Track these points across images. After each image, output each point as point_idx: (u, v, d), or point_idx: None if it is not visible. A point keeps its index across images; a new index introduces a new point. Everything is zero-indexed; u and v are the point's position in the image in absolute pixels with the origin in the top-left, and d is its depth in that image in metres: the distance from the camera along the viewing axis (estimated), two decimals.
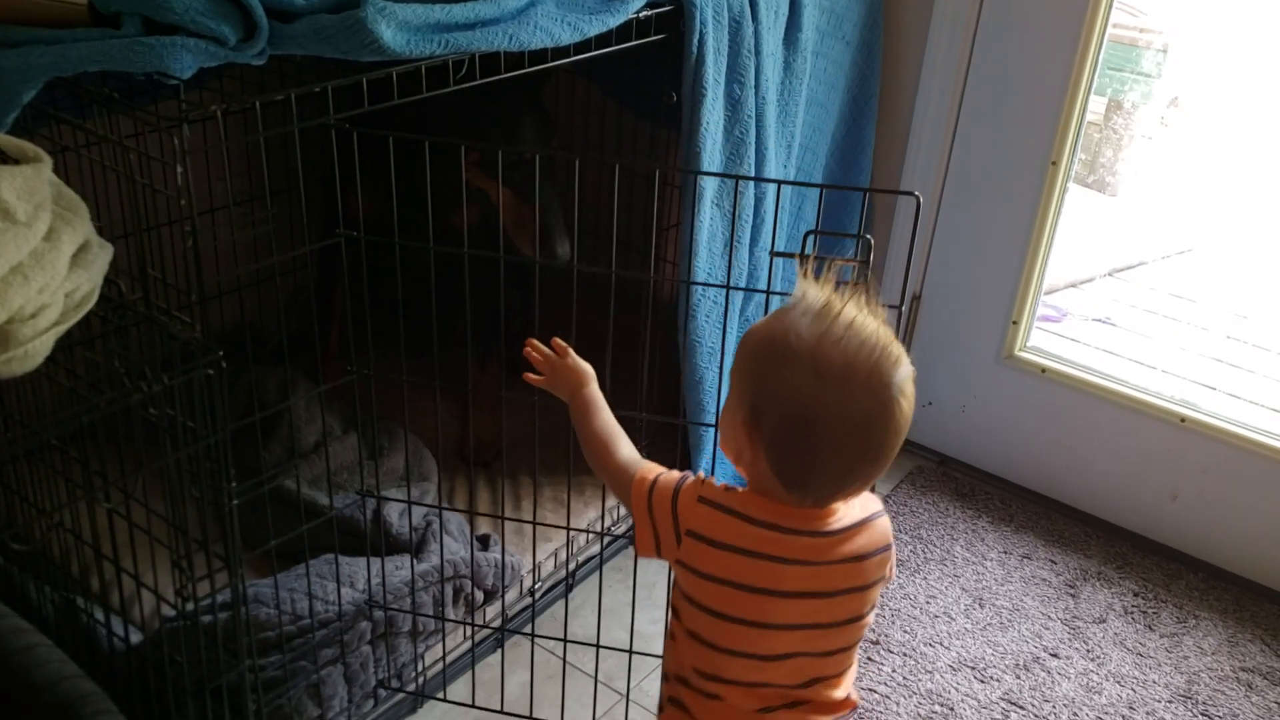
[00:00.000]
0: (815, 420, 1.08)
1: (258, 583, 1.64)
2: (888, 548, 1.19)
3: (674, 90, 1.82)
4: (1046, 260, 2.34)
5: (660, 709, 1.27)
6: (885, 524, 1.19)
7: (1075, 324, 3.10)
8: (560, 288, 2.83)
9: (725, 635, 1.16)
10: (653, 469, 1.23)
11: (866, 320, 1.10)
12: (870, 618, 1.22)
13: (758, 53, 1.88)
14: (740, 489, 1.18)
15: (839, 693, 1.23)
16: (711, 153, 1.86)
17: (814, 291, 1.12)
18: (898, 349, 1.10)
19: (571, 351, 1.37)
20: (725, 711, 1.19)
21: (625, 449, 1.29)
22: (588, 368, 1.37)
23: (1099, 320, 3.15)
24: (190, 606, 1.26)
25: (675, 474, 1.21)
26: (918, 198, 1.41)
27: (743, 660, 1.17)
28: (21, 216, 0.97)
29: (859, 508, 1.17)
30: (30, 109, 1.25)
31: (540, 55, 1.57)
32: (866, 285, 1.15)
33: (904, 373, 1.10)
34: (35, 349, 0.97)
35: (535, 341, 1.40)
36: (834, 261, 1.15)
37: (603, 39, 1.62)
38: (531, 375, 1.38)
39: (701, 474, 1.20)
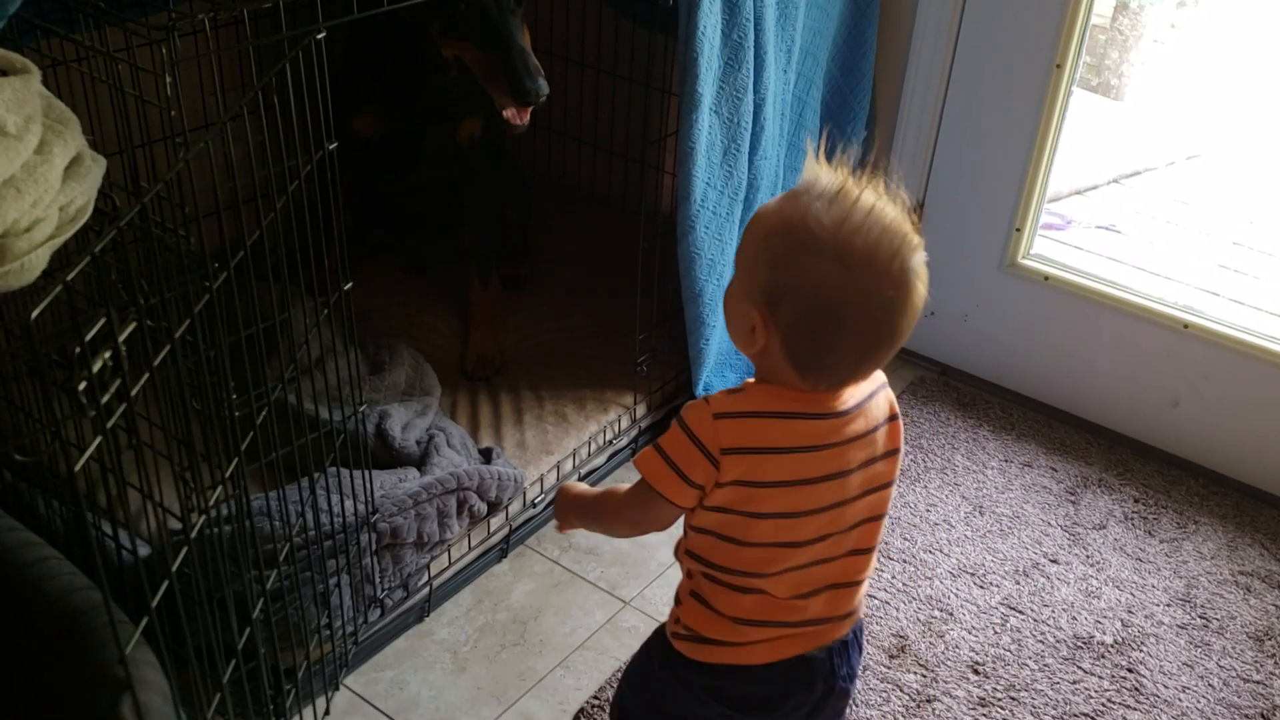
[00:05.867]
0: (838, 309, 1.07)
1: (261, 496, 1.66)
2: (894, 418, 1.20)
3: None
4: (1050, 166, 2.31)
5: (677, 602, 1.26)
6: (888, 395, 1.20)
7: (1080, 231, 3.08)
8: (557, 202, 2.82)
9: (760, 532, 1.15)
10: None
11: (886, 206, 1.09)
12: (889, 501, 1.22)
13: None
14: (742, 387, 1.16)
15: (856, 604, 1.25)
16: (709, 58, 1.83)
17: (828, 176, 1.10)
18: (915, 234, 1.11)
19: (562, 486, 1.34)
20: (760, 603, 1.19)
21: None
22: (571, 486, 1.32)
23: (1104, 227, 3.13)
24: (194, 519, 1.27)
25: (668, 431, 1.15)
26: None
27: (777, 550, 1.16)
28: (11, 129, 0.96)
29: (864, 384, 1.17)
30: (18, 21, 1.23)
31: None
32: (880, 170, 1.12)
33: (921, 256, 1.11)
34: (31, 262, 0.96)
35: None
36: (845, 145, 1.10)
37: None
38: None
39: (696, 404, 1.14)
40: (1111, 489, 2.24)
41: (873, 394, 1.18)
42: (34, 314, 0.91)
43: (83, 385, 0.93)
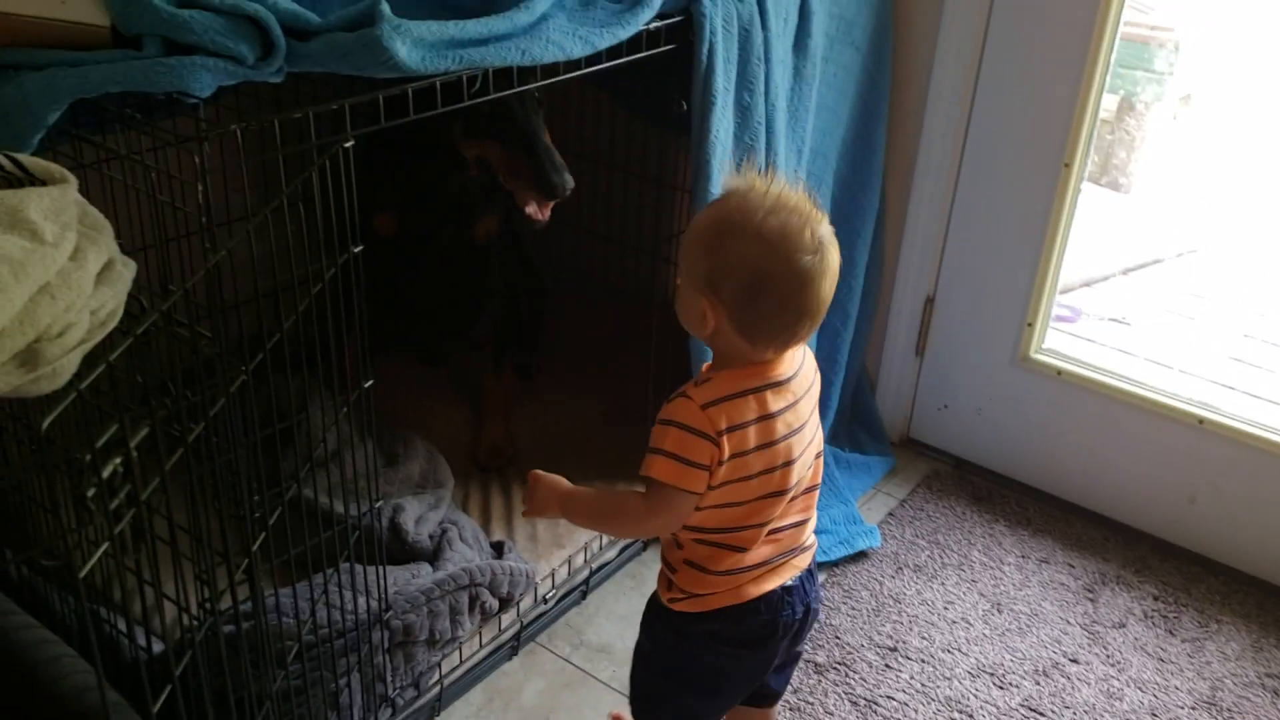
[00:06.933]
0: (767, 279, 1.29)
1: (277, 592, 1.66)
2: (817, 371, 1.45)
3: (684, 99, 1.83)
4: (1060, 262, 2.34)
5: (671, 570, 1.44)
6: (808, 352, 1.44)
7: (1090, 324, 3.09)
8: (571, 294, 2.85)
9: (749, 490, 1.36)
10: (642, 464, 1.36)
11: (789, 192, 1.31)
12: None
13: (767, 60, 1.89)
14: (708, 377, 1.35)
15: (811, 535, 1.48)
16: (721, 160, 1.86)
17: (739, 179, 1.34)
18: (819, 211, 1.32)
19: (538, 473, 1.49)
20: (748, 554, 1.40)
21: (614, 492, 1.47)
22: (557, 478, 1.48)
23: (1114, 320, 3.14)
24: (211, 620, 1.27)
25: (659, 437, 1.34)
26: None
27: (763, 502, 1.37)
28: (49, 237, 0.98)
29: (798, 351, 1.40)
30: (51, 127, 1.26)
31: (552, 68, 1.58)
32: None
33: (827, 227, 1.31)
34: (62, 367, 0.98)
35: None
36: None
37: (613, 50, 1.63)
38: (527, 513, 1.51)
39: (679, 403, 1.33)
40: (1130, 586, 2.21)
41: (804, 355, 1.42)
42: (45, 423, 0.92)
43: (92, 492, 0.94)
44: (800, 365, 1.40)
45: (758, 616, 1.43)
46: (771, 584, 1.43)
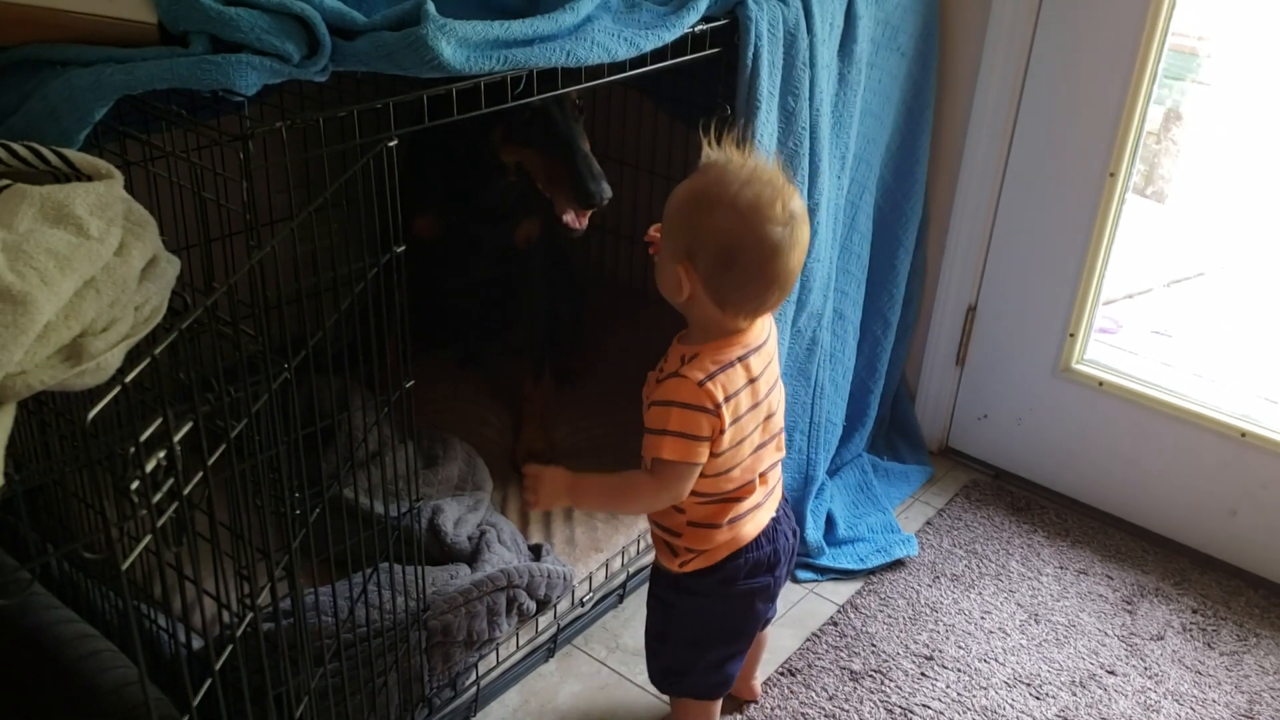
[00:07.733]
0: (739, 249, 1.37)
1: (316, 591, 1.66)
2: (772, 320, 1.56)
3: (728, 103, 1.82)
4: (1104, 273, 2.31)
5: (675, 535, 1.56)
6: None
7: (1132, 336, 3.05)
8: (609, 298, 2.85)
9: (744, 449, 1.49)
10: (645, 447, 1.47)
11: (764, 166, 1.40)
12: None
13: (812, 65, 1.88)
14: (696, 352, 1.44)
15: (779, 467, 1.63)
16: None
17: (717, 153, 1.43)
18: (791, 186, 1.40)
19: (536, 467, 1.58)
20: (746, 502, 1.54)
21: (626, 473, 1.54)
22: (556, 468, 1.57)
23: (1157, 332, 3.10)
24: (251, 616, 1.27)
25: (660, 419, 1.44)
26: None
27: (758, 454, 1.52)
28: (94, 232, 0.99)
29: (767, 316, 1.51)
30: (98, 125, 1.28)
31: (596, 70, 1.58)
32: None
33: (799, 201, 1.40)
34: (107, 361, 0.98)
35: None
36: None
37: (658, 53, 1.62)
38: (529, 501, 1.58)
39: (673, 383, 1.43)
40: (1169, 599, 2.18)
41: (767, 317, 1.53)
42: (90, 414, 0.93)
43: (135, 485, 0.94)
44: (769, 329, 1.52)
45: (760, 550, 1.57)
46: (764, 519, 1.58)
